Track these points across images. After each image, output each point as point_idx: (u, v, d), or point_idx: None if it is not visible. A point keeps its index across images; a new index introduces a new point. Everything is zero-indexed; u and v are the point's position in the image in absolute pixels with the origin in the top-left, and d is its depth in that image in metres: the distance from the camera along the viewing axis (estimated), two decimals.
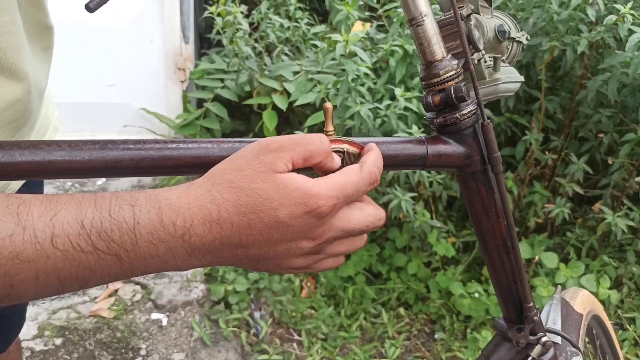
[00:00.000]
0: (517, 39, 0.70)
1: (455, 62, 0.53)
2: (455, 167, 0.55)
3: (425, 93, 0.54)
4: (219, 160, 0.44)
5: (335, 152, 0.47)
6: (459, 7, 0.56)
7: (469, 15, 0.57)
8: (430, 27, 0.52)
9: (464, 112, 0.53)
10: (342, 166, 0.47)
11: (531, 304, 0.65)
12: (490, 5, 0.66)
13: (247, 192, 0.41)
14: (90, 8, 0.46)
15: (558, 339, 0.78)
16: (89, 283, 0.40)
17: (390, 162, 0.51)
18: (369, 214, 0.46)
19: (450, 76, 0.52)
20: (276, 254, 0.44)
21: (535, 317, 0.66)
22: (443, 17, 0.56)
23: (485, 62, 0.61)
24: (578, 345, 0.82)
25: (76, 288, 0.41)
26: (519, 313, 0.66)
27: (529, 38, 0.71)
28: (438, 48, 0.52)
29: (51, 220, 0.38)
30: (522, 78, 0.72)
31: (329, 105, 0.45)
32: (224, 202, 0.41)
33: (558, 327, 0.83)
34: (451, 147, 0.54)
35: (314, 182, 0.42)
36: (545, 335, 0.68)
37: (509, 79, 0.67)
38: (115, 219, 0.39)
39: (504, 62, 0.68)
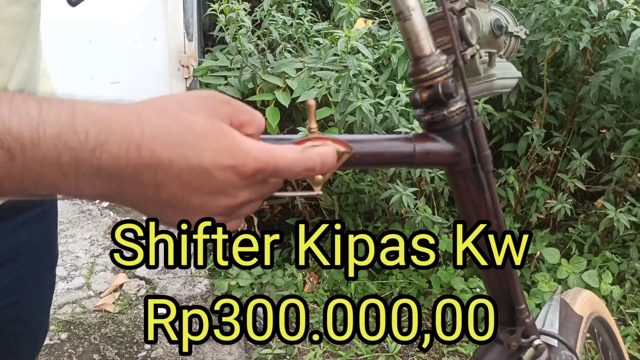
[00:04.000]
0: (515, 34, 0.69)
1: (444, 57, 0.52)
2: (444, 165, 0.55)
3: (413, 89, 0.54)
4: None
5: None
6: (453, 1, 0.55)
7: (463, 9, 0.56)
8: (418, 22, 0.51)
9: (452, 109, 0.52)
10: None
11: (523, 305, 0.63)
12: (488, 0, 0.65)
13: (181, 121, 0.37)
14: (72, 2, 0.46)
15: (555, 342, 0.76)
16: None
17: (377, 160, 0.50)
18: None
19: (438, 72, 0.51)
20: (188, 205, 0.39)
21: (527, 320, 0.64)
22: (435, 12, 0.55)
23: (480, 57, 0.59)
24: (575, 349, 0.79)
25: None
26: (511, 315, 0.64)
27: (527, 32, 0.70)
28: (426, 43, 0.51)
29: None
30: (519, 74, 0.71)
31: (311, 102, 0.44)
32: (150, 126, 0.36)
33: (555, 329, 0.80)
34: (439, 145, 0.53)
35: (250, 140, 0.39)
36: (539, 338, 0.66)
37: (505, 74, 0.65)
38: (16, 109, 0.34)
39: (501, 58, 0.67)
